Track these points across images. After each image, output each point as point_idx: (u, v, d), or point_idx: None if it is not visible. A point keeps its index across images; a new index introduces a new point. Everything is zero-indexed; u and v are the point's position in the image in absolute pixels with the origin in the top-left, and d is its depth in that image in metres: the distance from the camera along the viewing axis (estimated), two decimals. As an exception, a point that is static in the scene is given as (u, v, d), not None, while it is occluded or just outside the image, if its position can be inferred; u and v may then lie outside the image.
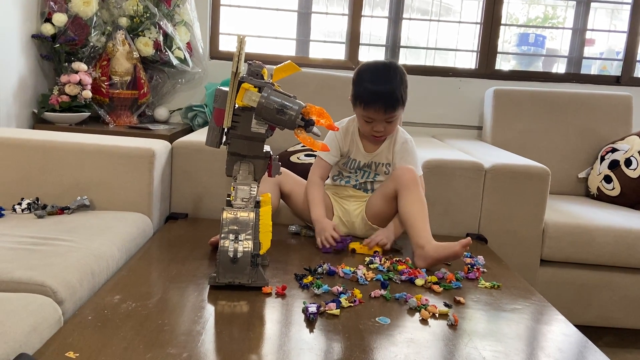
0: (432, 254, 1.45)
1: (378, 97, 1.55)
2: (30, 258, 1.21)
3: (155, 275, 1.32)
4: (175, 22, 2.50)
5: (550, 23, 3.08)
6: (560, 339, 1.13)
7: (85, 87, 2.30)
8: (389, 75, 1.57)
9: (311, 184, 1.67)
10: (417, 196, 1.56)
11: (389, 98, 1.55)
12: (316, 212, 1.62)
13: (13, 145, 1.67)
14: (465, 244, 1.43)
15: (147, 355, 0.92)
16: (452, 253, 1.44)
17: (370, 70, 1.61)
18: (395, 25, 2.80)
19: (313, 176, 1.69)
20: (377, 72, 1.59)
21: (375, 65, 1.63)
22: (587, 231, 1.89)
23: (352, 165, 1.69)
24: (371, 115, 1.58)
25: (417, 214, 1.54)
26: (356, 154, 1.69)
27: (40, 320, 1.00)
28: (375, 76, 1.58)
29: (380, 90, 1.55)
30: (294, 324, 1.10)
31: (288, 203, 1.75)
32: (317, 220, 1.60)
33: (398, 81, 1.57)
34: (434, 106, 2.72)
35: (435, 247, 1.46)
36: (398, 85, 1.56)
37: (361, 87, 1.58)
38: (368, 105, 1.57)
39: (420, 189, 1.59)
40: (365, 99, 1.57)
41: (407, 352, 1.01)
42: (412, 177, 1.58)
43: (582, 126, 2.51)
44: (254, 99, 1.23)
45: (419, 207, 1.55)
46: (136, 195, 1.69)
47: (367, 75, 1.59)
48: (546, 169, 1.86)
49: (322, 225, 1.59)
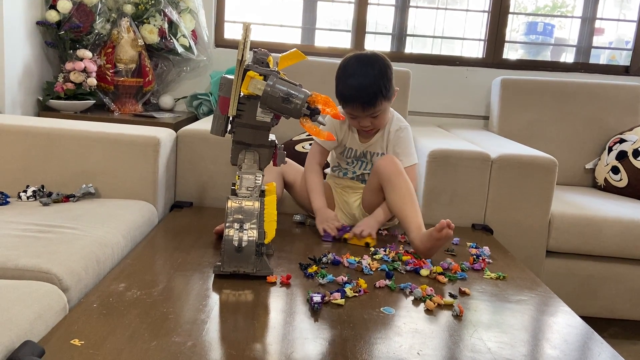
0: (420, 246, 1.42)
1: (353, 95, 1.52)
2: (35, 245, 1.21)
3: (160, 263, 1.32)
4: (180, 10, 2.48)
5: (559, 12, 3.04)
6: (565, 330, 1.13)
7: (90, 74, 2.29)
8: (365, 72, 1.51)
9: (309, 171, 1.66)
10: (400, 188, 1.51)
11: (365, 96, 1.50)
12: (317, 201, 1.61)
13: (18, 133, 1.67)
14: (439, 228, 1.33)
15: (151, 343, 0.93)
16: (434, 240, 1.37)
17: (346, 66, 1.56)
18: (401, 13, 2.78)
19: (311, 163, 1.67)
20: (352, 69, 1.53)
21: (352, 60, 1.56)
22: (594, 222, 1.88)
23: (348, 154, 1.68)
24: (352, 112, 1.56)
25: (404, 207, 1.49)
26: (351, 143, 1.68)
27: (46, 308, 1.00)
28: (350, 73, 1.53)
29: (355, 87, 1.51)
30: (299, 313, 1.09)
31: (291, 193, 1.74)
32: (318, 210, 1.60)
33: (376, 76, 1.51)
34: (440, 95, 2.70)
35: (421, 239, 1.41)
36: (376, 81, 1.50)
37: (339, 85, 1.55)
38: (346, 103, 1.55)
39: (402, 176, 1.53)
40: (342, 97, 1.54)
41: (412, 343, 1.01)
42: (392, 168, 1.54)
43: (590, 116, 2.49)
44: (259, 87, 1.22)
45: (403, 198, 1.50)
46: (141, 183, 1.69)
47: (343, 71, 1.56)
48: (553, 160, 1.85)
49: (325, 215, 1.58)
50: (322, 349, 0.96)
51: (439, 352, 0.98)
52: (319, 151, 1.69)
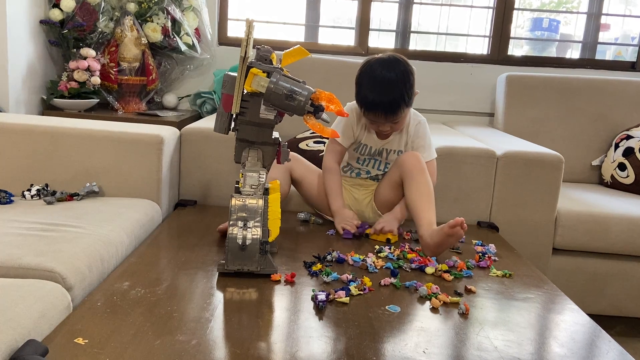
0: (429, 242, 1.41)
1: (377, 106, 1.50)
2: (39, 244, 1.21)
3: (164, 262, 1.32)
4: (183, 8, 2.48)
5: (564, 7, 3.02)
6: (572, 328, 1.12)
7: (93, 73, 2.29)
8: (390, 81, 1.49)
9: (328, 171, 1.64)
10: (420, 184, 1.52)
11: (387, 105, 1.49)
12: (336, 203, 1.61)
13: (22, 132, 1.67)
14: (452, 224, 1.34)
15: (156, 341, 0.92)
16: (444, 236, 1.37)
17: (369, 75, 1.52)
18: (405, 10, 2.76)
19: (329, 162, 1.65)
20: (376, 79, 1.50)
21: (375, 66, 1.52)
22: (601, 219, 1.86)
23: (363, 151, 1.67)
24: (373, 119, 1.55)
25: (419, 203, 1.50)
26: (367, 140, 1.66)
27: (49, 307, 1.00)
28: (374, 83, 1.50)
29: (378, 99, 1.49)
30: (303, 311, 1.09)
31: (299, 189, 1.73)
32: (337, 211, 1.60)
33: (400, 85, 1.49)
34: (444, 93, 2.69)
35: (430, 234, 1.41)
36: (400, 90, 1.48)
37: (361, 92, 1.53)
38: (368, 111, 1.53)
39: (425, 174, 1.54)
40: (364, 105, 1.53)
41: (417, 341, 1.00)
42: (416, 164, 1.55)
43: (596, 113, 2.47)
44: (262, 84, 1.21)
45: (421, 195, 1.51)
46: (145, 182, 1.69)
47: (366, 79, 1.52)
48: (559, 157, 1.83)
49: (343, 215, 1.59)
50: (327, 348, 0.95)
51: (445, 351, 0.98)
52: (336, 149, 1.66)
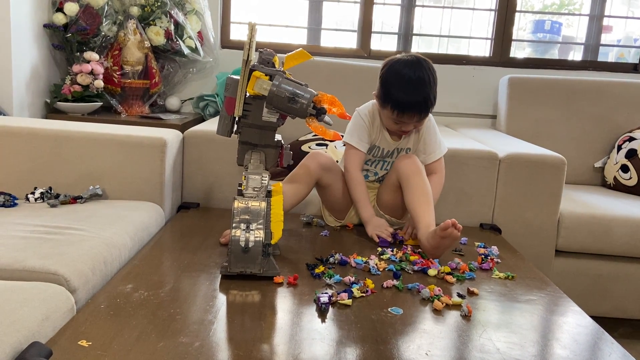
0: (426, 244, 1.42)
1: (412, 107, 1.50)
2: (43, 247, 1.21)
3: (167, 264, 1.32)
4: (186, 11, 2.49)
5: (566, 9, 3.02)
6: (575, 330, 1.12)
7: (97, 76, 2.30)
8: (422, 81, 1.49)
9: (353, 180, 1.62)
10: (417, 186, 1.52)
11: (424, 107, 1.50)
12: (366, 211, 1.61)
13: (26, 135, 1.68)
14: (444, 227, 1.34)
15: (159, 344, 0.92)
16: (439, 239, 1.37)
17: (399, 77, 1.51)
18: (407, 12, 2.77)
19: (354, 171, 1.62)
20: (408, 80, 1.49)
21: (403, 69, 1.51)
22: (603, 221, 1.86)
23: (376, 153, 1.66)
24: (406, 120, 1.54)
25: (417, 205, 1.51)
26: (382, 142, 1.64)
27: (53, 309, 1.01)
28: (406, 85, 1.49)
29: (414, 100, 1.49)
30: (306, 313, 1.09)
31: (323, 193, 1.68)
32: (369, 219, 1.60)
33: (431, 84, 1.50)
34: (447, 95, 2.68)
35: (427, 237, 1.42)
36: (432, 89, 1.50)
37: (393, 94, 1.51)
38: (402, 113, 1.51)
39: (421, 175, 1.55)
40: (399, 108, 1.51)
41: (420, 343, 1.00)
42: (412, 167, 1.55)
43: (599, 115, 2.47)
44: (265, 87, 1.21)
45: (418, 198, 1.51)
46: (148, 184, 1.69)
47: (398, 81, 1.50)
48: (562, 158, 1.83)
49: (376, 223, 1.59)
50: (329, 350, 0.95)
51: (447, 353, 0.98)
52: (358, 156, 1.63)
